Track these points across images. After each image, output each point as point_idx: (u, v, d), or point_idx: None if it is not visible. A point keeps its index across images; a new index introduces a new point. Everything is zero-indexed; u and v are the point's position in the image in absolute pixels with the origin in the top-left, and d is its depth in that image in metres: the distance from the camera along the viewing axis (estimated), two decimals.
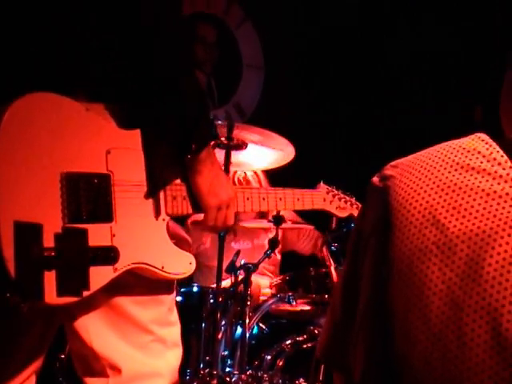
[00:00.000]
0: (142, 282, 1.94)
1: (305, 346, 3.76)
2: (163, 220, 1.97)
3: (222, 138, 3.72)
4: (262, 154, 3.95)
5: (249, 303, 3.68)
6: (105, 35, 1.91)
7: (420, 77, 5.63)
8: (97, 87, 1.90)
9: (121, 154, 1.90)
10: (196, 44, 5.64)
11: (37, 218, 1.75)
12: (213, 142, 2.06)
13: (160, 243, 1.95)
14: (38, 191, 1.78)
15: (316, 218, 4.17)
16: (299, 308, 3.95)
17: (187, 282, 4.16)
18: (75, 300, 1.78)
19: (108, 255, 1.83)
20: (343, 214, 2.71)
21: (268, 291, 4.21)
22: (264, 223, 4.24)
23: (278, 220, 3.93)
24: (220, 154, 3.74)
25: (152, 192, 1.94)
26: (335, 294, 1.46)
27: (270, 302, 3.90)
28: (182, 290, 3.86)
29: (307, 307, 3.97)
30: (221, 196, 2.04)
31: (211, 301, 3.73)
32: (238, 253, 3.85)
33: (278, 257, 4.75)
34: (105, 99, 1.90)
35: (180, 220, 4.34)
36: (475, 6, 5.25)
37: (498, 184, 1.20)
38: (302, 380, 3.58)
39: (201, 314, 3.76)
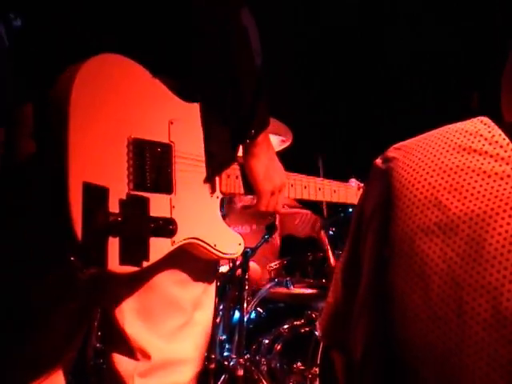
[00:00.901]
0: (184, 261, 1.92)
1: (302, 331, 3.76)
2: (217, 197, 1.96)
3: None
4: None
5: (246, 288, 3.69)
6: (168, 15, 1.89)
7: (417, 68, 5.64)
8: (158, 59, 1.88)
9: (182, 126, 1.88)
10: None
11: (104, 181, 1.71)
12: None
13: (213, 221, 1.94)
14: (106, 154, 1.74)
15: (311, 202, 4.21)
16: (297, 292, 3.96)
17: None
18: (136, 270, 1.75)
19: (167, 227, 1.80)
20: None
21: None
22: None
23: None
24: None
25: (210, 173, 1.93)
26: (337, 273, 1.47)
27: (268, 286, 3.91)
28: None
29: (305, 291, 3.97)
30: (275, 181, 2.04)
31: None
32: None
33: (278, 241, 4.76)
34: (164, 72, 1.88)
35: None
36: None
37: (500, 166, 1.22)
38: (299, 364, 3.58)
39: None
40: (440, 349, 1.17)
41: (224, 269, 3.84)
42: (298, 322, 3.80)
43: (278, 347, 3.71)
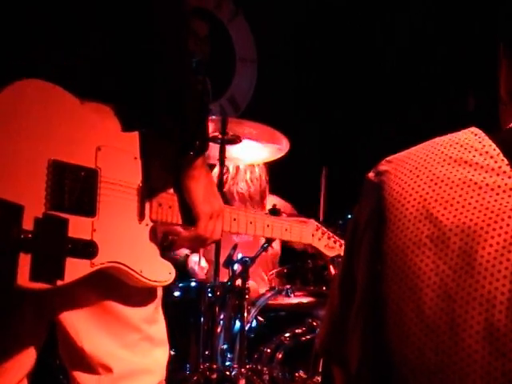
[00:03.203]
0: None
1: (304, 339, 3.78)
2: (146, 225, 1.96)
3: (216, 133, 3.74)
4: (256, 148, 3.96)
5: (247, 297, 3.69)
6: (106, 33, 1.91)
7: (412, 68, 5.64)
8: (94, 85, 1.91)
9: (112, 153, 1.89)
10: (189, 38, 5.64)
11: (19, 199, 1.73)
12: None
13: (141, 247, 1.94)
14: (25, 174, 1.76)
15: (311, 210, 4.21)
16: (297, 300, 3.96)
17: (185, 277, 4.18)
18: (48, 287, 1.76)
19: (86, 249, 1.81)
20: (331, 254, 2.69)
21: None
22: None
23: (275, 213, 3.94)
24: (215, 149, 3.76)
25: (145, 197, 1.94)
26: (333, 287, 1.47)
27: (268, 295, 3.92)
28: (181, 284, 3.89)
29: (305, 299, 3.97)
30: (214, 204, 2.04)
31: (209, 295, 3.74)
32: (235, 246, 3.86)
33: (278, 249, 4.76)
34: (102, 98, 1.90)
35: None
36: None
37: (491, 177, 1.22)
38: (301, 372, 3.59)
39: (199, 308, 3.77)
40: (433, 361, 1.17)
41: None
42: (299, 330, 3.81)
43: (280, 356, 3.71)
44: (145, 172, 1.94)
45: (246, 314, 3.67)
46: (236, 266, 3.77)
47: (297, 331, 3.81)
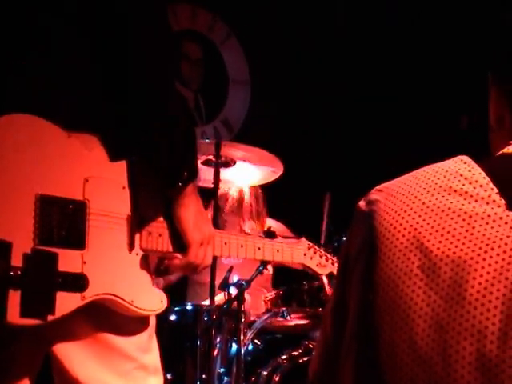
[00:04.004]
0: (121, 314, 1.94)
1: (300, 361, 3.76)
2: (137, 254, 1.95)
3: (210, 156, 3.75)
4: (250, 170, 3.97)
5: (243, 320, 3.68)
6: (91, 63, 1.91)
7: (407, 87, 5.66)
8: (81, 116, 1.91)
9: (100, 184, 1.89)
10: (181, 62, 5.66)
11: (7, 235, 1.73)
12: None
13: (132, 277, 1.93)
14: (11, 210, 1.76)
15: (306, 231, 4.20)
16: (294, 322, 3.95)
17: (181, 300, 4.18)
18: (39, 323, 1.76)
19: (77, 282, 1.80)
20: (323, 272, 2.68)
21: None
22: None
23: (270, 235, 3.94)
24: (209, 172, 3.77)
25: (135, 226, 1.94)
26: (325, 316, 1.47)
27: (265, 317, 3.91)
28: (176, 308, 3.87)
29: (302, 321, 3.97)
30: (204, 231, 2.03)
31: (205, 318, 3.73)
32: (230, 269, 3.85)
33: (271, 271, 4.76)
34: (89, 128, 1.90)
35: None
36: (462, 14, 5.29)
37: (480, 206, 1.22)
38: None
39: (195, 331, 3.76)
40: None
41: (219, 298, 3.84)
42: (296, 353, 3.80)
43: (277, 378, 3.70)
44: (134, 201, 1.93)
45: (242, 337, 3.66)
46: (232, 289, 3.76)
47: (293, 353, 3.80)
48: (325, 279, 3.81)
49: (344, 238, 3.94)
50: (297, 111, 6.07)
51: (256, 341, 3.92)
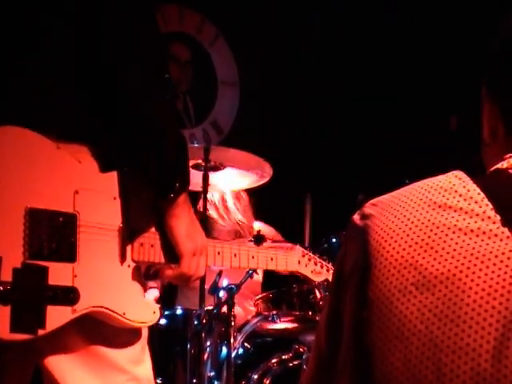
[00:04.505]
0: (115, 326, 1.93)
1: (291, 364, 3.76)
2: (128, 266, 1.94)
3: (199, 160, 3.75)
4: (239, 174, 3.96)
5: (233, 323, 3.67)
6: (82, 73, 1.91)
7: (396, 88, 5.66)
8: (71, 126, 1.90)
9: (90, 196, 1.88)
10: (170, 64, 5.65)
11: None
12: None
13: (123, 289, 1.93)
14: (1, 224, 1.76)
15: (296, 235, 4.21)
16: (284, 326, 3.95)
17: (170, 304, 4.17)
18: (30, 338, 1.76)
19: (67, 296, 1.80)
20: (318, 279, 2.69)
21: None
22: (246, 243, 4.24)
23: (259, 239, 3.93)
24: (198, 176, 3.76)
25: (126, 237, 1.93)
26: (319, 330, 1.46)
27: (255, 321, 3.90)
28: (166, 312, 3.86)
29: (292, 325, 3.97)
30: (196, 241, 2.03)
31: (195, 322, 3.72)
32: (220, 273, 3.84)
33: (260, 275, 4.75)
34: (79, 139, 1.89)
35: None
36: (461, 15, 5.29)
37: (475, 222, 1.22)
38: None
39: (185, 335, 3.75)
40: None
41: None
42: (286, 356, 3.79)
43: (267, 382, 3.70)
44: (125, 212, 1.93)
45: (232, 341, 3.65)
46: (221, 293, 3.75)
47: (284, 357, 3.80)
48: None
49: (333, 240, 3.96)
50: (285, 112, 6.07)
51: (246, 344, 3.92)
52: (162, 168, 1.93)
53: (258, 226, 4.70)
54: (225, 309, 3.70)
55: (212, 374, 3.70)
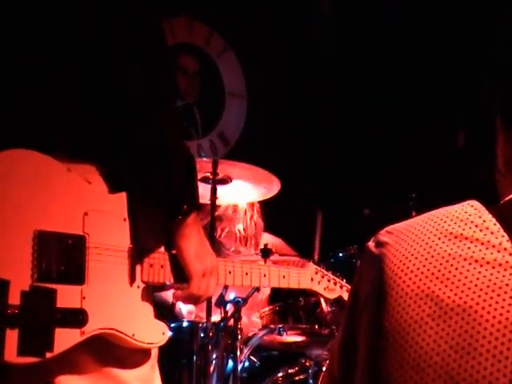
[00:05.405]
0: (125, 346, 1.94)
1: (297, 378, 3.77)
2: (138, 287, 1.95)
3: (208, 173, 3.75)
4: (247, 187, 3.97)
5: (239, 336, 3.68)
6: (82, 73, 1.91)
7: (403, 103, 5.65)
8: (80, 148, 1.90)
9: (99, 217, 1.89)
10: (178, 75, 5.66)
11: (4, 273, 1.73)
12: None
13: (132, 310, 1.93)
14: (9, 246, 1.76)
15: (306, 249, 4.22)
16: (290, 339, 3.95)
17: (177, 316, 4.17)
18: (37, 361, 1.77)
19: (76, 318, 1.81)
20: (332, 296, 2.66)
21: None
22: (253, 256, 4.25)
23: (266, 252, 3.94)
24: (206, 189, 3.77)
25: (136, 258, 1.93)
26: (332, 355, 1.46)
27: (261, 334, 3.91)
28: (173, 325, 3.86)
29: (298, 338, 3.97)
30: (206, 262, 2.03)
31: (202, 335, 3.73)
32: (226, 286, 3.84)
33: (268, 289, 4.75)
34: (89, 160, 1.90)
35: None
36: (461, 15, 5.28)
37: (491, 254, 1.22)
38: None
39: (192, 348, 3.76)
40: None
41: (216, 318, 3.84)
42: (292, 370, 3.80)
43: None
44: (134, 233, 1.93)
45: (238, 354, 3.65)
46: (228, 306, 3.76)
47: (290, 371, 3.80)
48: (322, 299, 3.81)
49: (340, 254, 3.97)
50: (292, 124, 6.07)
51: (252, 357, 3.93)
52: (170, 189, 1.93)
53: (266, 238, 4.71)
54: (231, 322, 3.71)
55: None
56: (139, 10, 1.93)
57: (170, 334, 3.74)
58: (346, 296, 2.60)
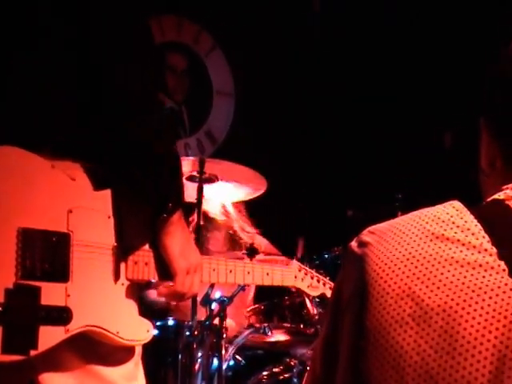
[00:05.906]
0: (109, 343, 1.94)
1: (281, 377, 3.78)
2: (122, 284, 1.95)
3: (194, 172, 3.76)
4: (233, 187, 3.97)
5: (224, 335, 3.68)
6: (82, 73, 1.91)
7: (389, 104, 5.66)
8: (66, 145, 1.90)
9: (84, 214, 1.88)
10: (166, 73, 5.66)
11: None
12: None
13: (117, 308, 1.93)
14: None
15: (290, 248, 4.22)
16: (275, 339, 3.96)
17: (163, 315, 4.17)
18: (21, 359, 1.76)
19: (60, 315, 1.80)
20: (315, 293, 2.69)
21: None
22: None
23: (252, 251, 3.94)
24: (192, 188, 3.77)
25: (120, 256, 1.93)
26: (315, 355, 1.47)
27: (246, 333, 3.91)
28: (158, 323, 3.86)
29: (283, 337, 3.98)
30: (190, 259, 2.04)
31: (187, 333, 3.73)
32: (212, 285, 3.85)
33: (253, 287, 4.76)
34: (74, 157, 1.89)
35: None
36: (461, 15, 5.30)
37: (472, 254, 1.22)
38: None
39: (177, 346, 3.76)
40: None
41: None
42: (277, 369, 3.81)
43: None
44: (119, 230, 1.93)
45: (223, 353, 3.66)
46: (214, 305, 3.76)
47: (274, 370, 3.81)
48: (307, 300, 3.82)
49: (325, 256, 3.98)
50: (279, 123, 6.08)
51: (237, 356, 3.93)
52: (155, 187, 1.93)
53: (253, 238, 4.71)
54: (217, 320, 3.71)
55: None
56: (127, 9, 1.93)
57: (154, 332, 3.78)
58: (329, 293, 2.62)
